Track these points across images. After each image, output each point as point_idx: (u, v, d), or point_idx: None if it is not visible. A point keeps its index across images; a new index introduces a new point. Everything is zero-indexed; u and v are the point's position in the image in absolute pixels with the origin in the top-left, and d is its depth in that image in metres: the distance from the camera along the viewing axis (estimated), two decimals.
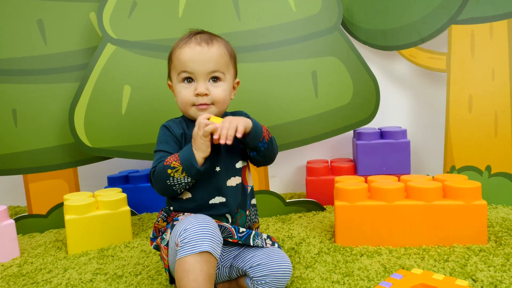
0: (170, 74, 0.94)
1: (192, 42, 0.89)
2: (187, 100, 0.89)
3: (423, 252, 1.09)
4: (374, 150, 1.55)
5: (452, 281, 0.67)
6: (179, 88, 0.90)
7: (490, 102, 1.48)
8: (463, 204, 1.11)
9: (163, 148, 0.90)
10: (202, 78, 0.88)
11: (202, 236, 0.76)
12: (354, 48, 1.52)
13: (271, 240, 0.94)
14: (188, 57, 0.88)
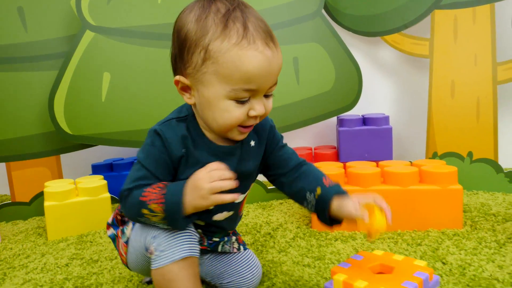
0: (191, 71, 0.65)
1: (257, 39, 0.62)
2: (236, 122, 0.66)
3: (397, 236, 1.09)
4: (356, 137, 1.54)
5: (411, 261, 0.67)
6: (226, 105, 0.64)
7: (473, 88, 1.48)
8: (438, 188, 1.11)
9: (148, 167, 0.69)
10: (261, 95, 0.66)
11: (179, 240, 0.67)
12: (336, 34, 1.52)
13: (238, 243, 0.87)
14: (257, 69, 0.62)
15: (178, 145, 0.69)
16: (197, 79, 0.65)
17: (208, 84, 0.64)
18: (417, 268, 0.65)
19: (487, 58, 1.45)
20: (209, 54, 0.62)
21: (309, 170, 0.77)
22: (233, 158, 0.72)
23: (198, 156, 0.70)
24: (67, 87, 1.38)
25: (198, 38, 0.63)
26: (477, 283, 0.81)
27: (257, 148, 0.76)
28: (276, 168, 0.79)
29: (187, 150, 0.70)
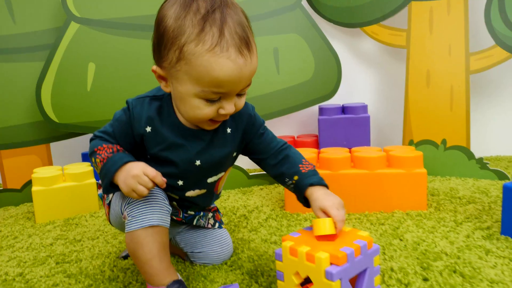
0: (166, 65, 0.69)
1: (230, 47, 0.64)
2: (206, 118, 0.71)
3: (363, 217, 1.15)
4: (335, 125, 1.60)
5: (355, 232, 0.73)
6: (196, 103, 0.69)
7: (447, 77, 1.53)
8: (404, 172, 1.16)
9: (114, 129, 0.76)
10: (233, 96, 0.70)
11: (150, 209, 0.73)
12: (315, 25, 1.57)
13: (214, 220, 0.94)
14: (226, 76, 0.65)
15: (142, 123, 0.75)
16: (171, 74, 0.69)
17: (181, 81, 0.68)
18: (359, 237, 0.70)
19: (460, 49, 1.50)
20: (183, 55, 0.65)
21: (289, 155, 0.83)
22: (200, 142, 0.77)
23: (165, 134, 0.75)
24: (53, 77, 1.43)
25: (175, 36, 0.65)
26: (426, 256, 0.87)
27: (233, 135, 0.81)
28: (257, 153, 0.85)
29: (153, 128, 0.75)
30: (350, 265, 0.65)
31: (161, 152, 0.76)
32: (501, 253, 0.87)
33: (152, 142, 0.76)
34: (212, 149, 0.79)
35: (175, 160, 0.77)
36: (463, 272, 0.80)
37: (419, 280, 0.78)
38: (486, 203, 1.19)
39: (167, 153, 0.76)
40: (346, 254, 0.65)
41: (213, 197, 0.90)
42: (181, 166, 0.77)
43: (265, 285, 0.81)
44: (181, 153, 0.77)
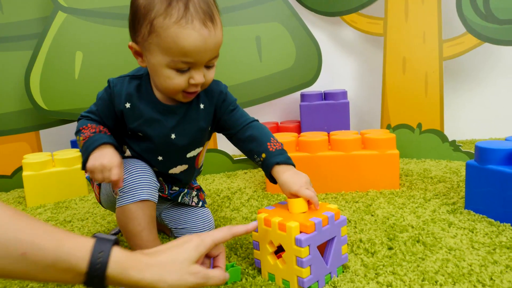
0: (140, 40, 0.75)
1: (195, 19, 0.70)
2: (178, 89, 0.76)
3: (340, 196, 1.22)
4: (316, 111, 1.66)
5: (324, 205, 0.79)
6: (168, 73, 0.74)
7: (422, 63, 1.59)
8: (377, 153, 1.23)
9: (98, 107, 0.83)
10: (201, 66, 0.75)
11: (140, 184, 0.79)
12: (296, 14, 1.62)
13: (198, 198, 1.00)
14: (192, 46, 0.70)
15: (122, 99, 0.81)
16: (145, 47, 0.75)
17: (153, 53, 0.74)
18: (327, 209, 0.77)
19: (434, 36, 1.57)
20: (153, 28, 0.71)
21: (256, 133, 0.87)
22: (175, 116, 0.83)
23: (142, 110, 0.81)
24: (42, 66, 1.47)
25: (146, 12, 0.72)
26: (394, 229, 0.94)
27: (206, 110, 0.86)
28: (227, 128, 0.89)
29: (132, 104, 0.81)
30: (318, 233, 0.72)
31: (139, 127, 0.82)
32: (462, 224, 0.95)
33: (131, 117, 0.82)
34: (187, 124, 0.84)
35: (151, 134, 0.83)
36: (425, 242, 0.87)
37: (385, 249, 0.85)
38: (455, 182, 1.27)
39: (144, 128, 0.82)
40: (314, 223, 0.71)
41: (194, 171, 0.96)
42: (157, 140, 0.83)
43: (244, 255, 0.87)
44: (157, 127, 0.83)
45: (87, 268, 0.52)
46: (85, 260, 0.52)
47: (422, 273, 0.74)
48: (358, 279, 0.74)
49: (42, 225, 0.53)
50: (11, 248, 0.49)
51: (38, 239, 0.51)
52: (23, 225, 0.51)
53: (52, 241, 0.51)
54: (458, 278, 0.72)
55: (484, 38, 1.52)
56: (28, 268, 0.50)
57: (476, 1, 1.49)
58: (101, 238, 0.55)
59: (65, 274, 0.52)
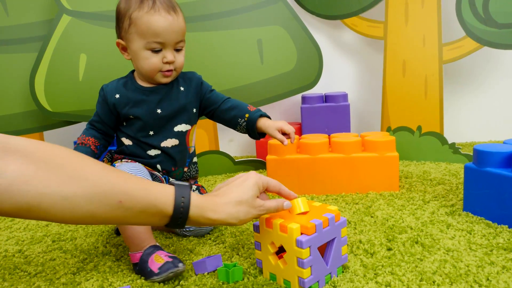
0: (124, 34, 0.96)
1: (161, 9, 0.92)
2: (155, 68, 0.95)
3: (340, 198, 1.23)
4: (317, 113, 1.68)
5: (325, 207, 0.81)
6: (145, 54, 0.94)
7: (421, 67, 1.61)
8: (377, 155, 1.25)
9: (98, 112, 1.01)
10: (170, 47, 0.94)
11: None
12: (297, 17, 1.64)
13: (200, 192, 1.05)
14: (161, 28, 0.91)
15: (112, 93, 0.99)
16: (127, 39, 0.95)
17: (133, 41, 0.94)
18: (328, 210, 0.78)
19: (434, 39, 1.58)
20: (131, 20, 0.93)
21: (236, 103, 1.06)
22: (158, 95, 0.99)
23: (129, 96, 0.99)
24: (46, 68, 1.49)
25: (125, 11, 0.94)
26: (393, 230, 0.96)
27: (186, 92, 1.03)
28: (210, 105, 1.07)
29: (120, 94, 0.99)
30: (319, 235, 0.73)
31: (129, 110, 0.98)
32: (460, 226, 0.96)
33: (121, 105, 0.99)
34: (169, 100, 1.00)
35: (140, 112, 0.98)
36: (423, 243, 0.89)
37: (384, 250, 0.87)
38: (454, 184, 1.28)
39: (133, 110, 0.98)
40: (315, 225, 0.73)
41: (186, 152, 1.05)
42: (145, 116, 0.98)
43: (245, 255, 0.89)
44: (144, 106, 0.98)
45: (172, 211, 0.63)
46: (170, 205, 0.63)
47: (420, 274, 0.76)
48: (357, 279, 0.76)
49: (130, 177, 0.63)
50: (110, 198, 0.59)
51: (130, 189, 0.61)
52: (115, 177, 0.61)
53: (141, 190, 0.61)
54: (455, 278, 0.73)
55: (484, 42, 1.54)
56: (124, 214, 0.61)
57: (475, 5, 1.51)
58: (178, 185, 0.66)
59: (154, 217, 0.63)
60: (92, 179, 0.58)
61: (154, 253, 0.83)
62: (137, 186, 0.61)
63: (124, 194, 0.60)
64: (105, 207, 0.59)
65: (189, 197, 0.64)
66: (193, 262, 0.84)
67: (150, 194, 0.62)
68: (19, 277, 0.88)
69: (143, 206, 0.61)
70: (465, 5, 1.53)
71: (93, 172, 0.59)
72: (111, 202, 0.59)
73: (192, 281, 0.80)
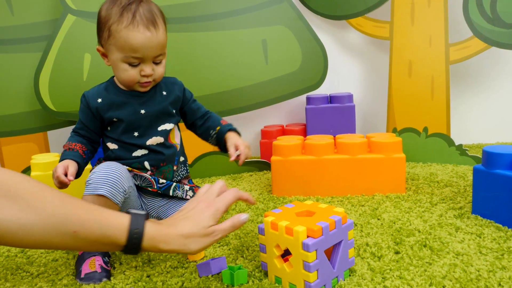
0: (103, 43, 0.94)
1: (140, 25, 0.90)
2: (133, 79, 0.94)
3: (346, 199, 1.22)
4: (322, 114, 1.66)
5: (331, 209, 0.79)
6: (124, 66, 0.93)
7: (428, 67, 1.59)
8: (383, 157, 1.23)
9: (81, 119, 1.00)
10: (149, 61, 0.93)
11: (103, 180, 0.86)
12: (302, 17, 1.62)
13: (193, 192, 1.03)
14: (139, 44, 0.89)
15: (94, 97, 0.98)
16: (106, 48, 0.94)
17: (112, 52, 0.93)
18: (334, 213, 0.77)
19: (440, 40, 1.57)
20: (110, 32, 0.91)
21: (212, 116, 1.10)
22: (142, 98, 0.99)
23: (112, 99, 0.97)
24: (51, 67, 1.48)
25: (105, 21, 0.92)
26: (400, 233, 0.94)
27: (168, 96, 1.02)
28: (190, 115, 1.08)
29: (103, 98, 0.98)
30: (325, 238, 0.72)
31: (112, 113, 0.97)
32: (469, 229, 0.95)
33: (105, 108, 0.97)
34: (152, 102, 1.00)
35: (124, 114, 0.97)
36: (432, 246, 0.87)
37: (391, 253, 0.85)
38: (462, 186, 1.27)
39: (117, 112, 0.97)
40: (321, 228, 0.71)
41: (173, 149, 1.03)
42: (129, 117, 0.97)
43: (250, 258, 0.87)
44: (128, 107, 0.97)
45: (125, 242, 0.65)
46: (124, 236, 0.65)
47: (430, 278, 0.74)
48: (365, 283, 0.74)
49: (87, 206, 0.65)
50: (65, 228, 0.61)
51: (85, 220, 0.63)
52: (72, 208, 0.63)
53: (96, 222, 0.64)
54: (465, 283, 0.72)
55: (491, 42, 1.52)
56: (79, 243, 0.63)
57: (483, 5, 1.49)
58: (134, 214, 0.67)
59: (107, 246, 0.66)
60: (49, 209, 0.61)
61: (94, 257, 0.86)
62: (93, 217, 0.64)
63: (79, 225, 0.62)
64: (60, 236, 0.62)
65: (142, 229, 0.66)
66: (197, 264, 0.83)
67: (104, 225, 0.64)
68: (21, 278, 0.87)
69: (97, 236, 0.64)
70: (472, 5, 1.51)
71: (51, 202, 0.62)
72: (66, 232, 0.62)
73: (196, 284, 0.78)
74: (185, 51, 1.56)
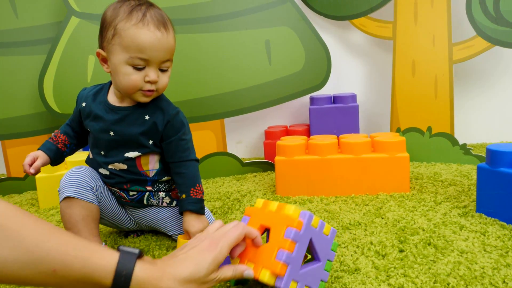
0: (106, 44, 0.86)
1: (150, 23, 0.83)
2: (135, 85, 0.85)
3: (350, 199, 1.22)
4: (326, 114, 1.66)
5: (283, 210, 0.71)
6: (126, 70, 0.84)
7: (431, 67, 1.59)
8: (387, 156, 1.23)
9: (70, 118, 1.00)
10: (155, 66, 0.85)
11: (67, 184, 0.89)
12: (306, 18, 1.63)
13: (171, 198, 1.00)
14: (147, 43, 0.82)
15: (82, 99, 0.95)
16: (109, 50, 0.86)
17: (115, 53, 0.84)
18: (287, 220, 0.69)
19: (443, 39, 1.57)
20: (117, 30, 0.83)
21: (188, 173, 0.94)
22: (115, 115, 0.90)
23: (92, 108, 0.93)
24: (55, 69, 1.49)
25: (111, 20, 0.85)
26: (405, 232, 0.94)
27: (149, 122, 0.91)
28: (167, 153, 0.94)
29: (86, 104, 0.94)
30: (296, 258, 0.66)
31: (88, 122, 0.94)
32: (473, 228, 0.94)
33: (84, 114, 0.95)
34: (125, 124, 0.91)
35: (94, 128, 0.92)
36: (436, 244, 0.87)
37: (396, 252, 0.85)
38: (466, 185, 1.26)
39: (91, 123, 0.93)
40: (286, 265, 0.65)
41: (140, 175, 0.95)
42: (97, 135, 0.92)
43: None
44: (100, 122, 0.92)
45: (110, 285, 0.57)
46: (109, 278, 0.57)
47: (434, 276, 0.74)
48: (369, 281, 0.74)
49: (72, 241, 0.57)
50: (44, 266, 0.55)
51: (67, 258, 0.56)
52: (54, 244, 0.56)
53: (80, 259, 0.56)
54: (470, 280, 0.72)
55: (495, 41, 1.51)
56: (58, 281, 0.56)
57: (486, 4, 1.49)
58: (125, 252, 0.59)
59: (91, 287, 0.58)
60: (28, 243, 0.55)
61: None
62: (76, 254, 0.57)
63: (60, 263, 0.56)
64: (38, 274, 0.55)
65: (131, 271, 0.58)
66: None
67: (88, 265, 0.57)
68: None
69: (79, 276, 0.57)
70: (475, 4, 1.51)
71: (30, 235, 0.55)
72: (44, 270, 0.55)
73: None
74: (188, 52, 1.57)
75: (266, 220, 0.72)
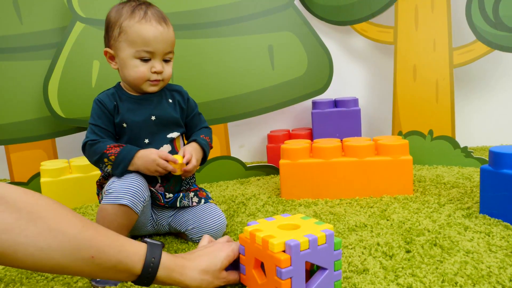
0: (113, 43, 0.95)
1: (152, 19, 0.93)
2: (143, 76, 0.95)
3: (354, 202, 1.23)
4: (328, 118, 1.68)
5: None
6: (134, 63, 0.94)
7: (432, 71, 1.61)
8: (391, 159, 1.25)
9: (97, 123, 0.96)
10: (159, 57, 0.95)
11: (125, 190, 0.88)
12: (308, 23, 1.65)
13: (198, 197, 1.05)
14: (151, 36, 0.92)
15: (110, 100, 0.98)
16: (116, 47, 0.95)
17: (122, 49, 0.94)
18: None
19: (444, 44, 1.59)
20: (122, 28, 0.93)
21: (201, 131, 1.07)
22: (151, 103, 1.00)
23: (124, 103, 0.98)
24: (60, 74, 1.51)
25: (116, 20, 0.94)
26: (410, 233, 0.96)
27: (174, 104, 1.03)
28: (190, 128, 1.08)
29: (117, 102, 0.98)
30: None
31: (123, 117, 0.96)
32: (478, 228, 0.96)
33: (117, 113, 0.98)
34: (161, 109, 1.01)
35: (136, 119, 0.97)
36: (442, 245, 0.88)
37: (403, 252, 0.86)
38: (468, 187, 1.28)
39: (128, 116, 0.97)
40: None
41: None
42: (140, 123, 0.97)
43: None
44: (138, 113, 0.98)
45: (140, 271, 0.65)
46: (140, 264, 0.65)
47: (442, 275, 0.75)
48: (378, 281, 0.75)
49: (106, 233, 0.65)
50: (83, 253, 0.61)
51: (104, 246, 0.63)
52: (91, 233, 0.63)
53: (114, 248, 0.63)
54: (477, 279, 0.73)
55: (494, 45, 1.54)
56: (94, 268, 0.63)
57: (485, 9, 1.52)
58: (151, 243, 0.68)
59: (122, 274, 0.65)
60: (69, 233, 0.60)
61: None
62: (111, 243, 0.64)
63: (97, 250, 0.62)
64: (77, 261, 0.61)
65: (159, 258, 0.67)
66: None
67: (122, 252, 0.64)
68: (36, 281, 0.88)
69: (113, 263, 0.63)
70: (475, 9, 1.53)
71: (71, 226, 0.61)
72: (83, 257, 0.61)
73: None
74: (192, 57, 1.58)
75: (257, 255, 0.72)
